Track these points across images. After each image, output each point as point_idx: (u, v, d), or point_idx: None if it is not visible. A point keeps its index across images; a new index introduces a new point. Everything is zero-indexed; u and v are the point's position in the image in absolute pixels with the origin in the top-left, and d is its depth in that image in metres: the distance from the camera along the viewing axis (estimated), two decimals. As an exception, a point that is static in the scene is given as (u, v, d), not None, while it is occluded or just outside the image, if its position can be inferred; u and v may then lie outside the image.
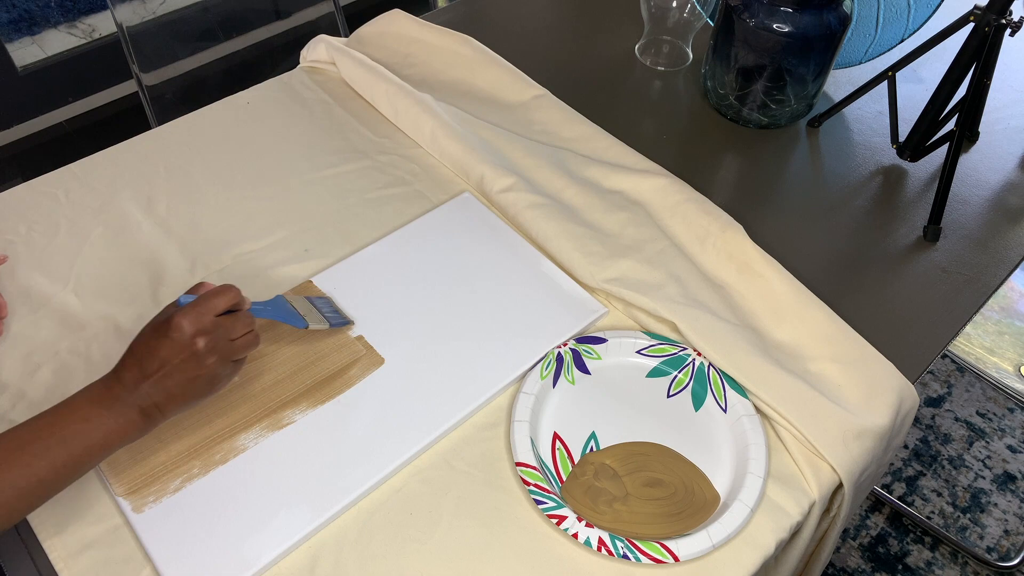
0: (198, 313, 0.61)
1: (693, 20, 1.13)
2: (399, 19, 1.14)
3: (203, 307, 0.61)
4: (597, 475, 0.69)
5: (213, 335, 0.61)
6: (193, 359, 0.60)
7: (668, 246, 0.86)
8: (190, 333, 0.60)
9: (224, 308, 0.63)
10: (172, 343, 0.60)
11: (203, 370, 0.61)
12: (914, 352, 0.81)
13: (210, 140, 0.98)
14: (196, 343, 0.60)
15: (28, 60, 1.98)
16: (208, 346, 0.61)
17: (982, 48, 0.91)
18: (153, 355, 0.60)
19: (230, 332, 0.63)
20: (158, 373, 0.60)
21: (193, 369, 0.60)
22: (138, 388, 0.60)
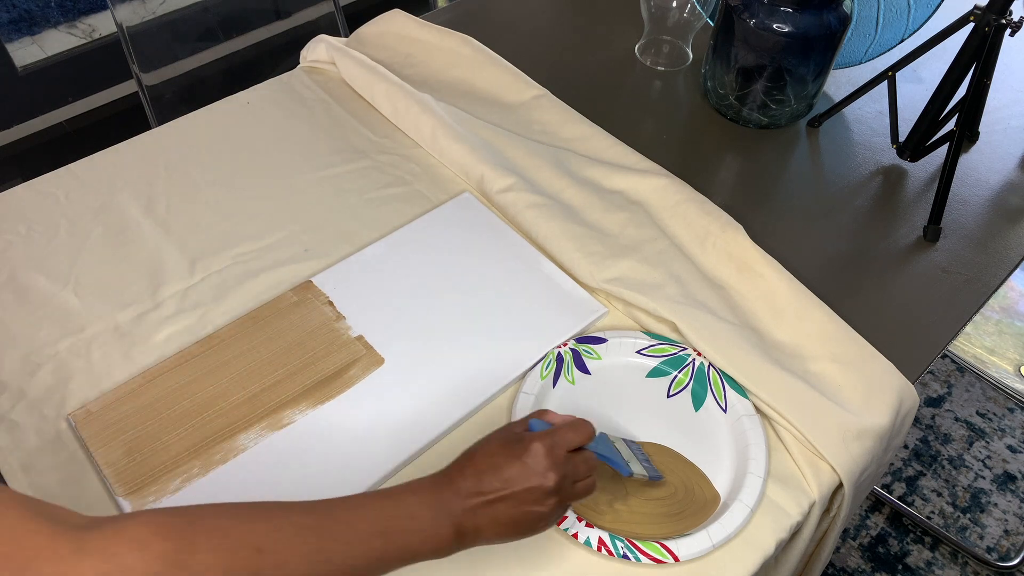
0: (555, 443, 0.56)
1: (693, 20, 1.13)
2: (399, 19, 1.14)
3: (560, 438, 0.57)
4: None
5: (563, 472, 0.56)
6: (538, 492, 0.54)
7: (668, 246, 0.86)
8: (545, 464, 0.55)
9: (578, 445, 0.58)
10: (523, 467, 0.54)
11: (542, 507, 0.55)
12: (914, 352, 0.81)
13: (210, 140, 0.98)
14: (548, 477, 0.55)
15: (28, 60, 1.98)
16: (557, 484, 0.55)
17: (982, 48, 0.91)
18: (497, 473, 0.54)
19: (576, 473, 0.57)
20: (495, 494, 0.54)
21: (533, 503, 0.55)
22: (468, 501, 0.53)
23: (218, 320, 0.79)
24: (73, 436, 0.70)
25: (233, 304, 0.80)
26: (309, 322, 0.78)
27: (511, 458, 0.55)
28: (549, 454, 0.55)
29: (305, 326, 0.78)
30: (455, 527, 0.53)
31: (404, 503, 0.52)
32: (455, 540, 0.54)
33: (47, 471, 0.68)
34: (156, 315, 0.79)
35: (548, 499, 0.55)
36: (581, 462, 0.58)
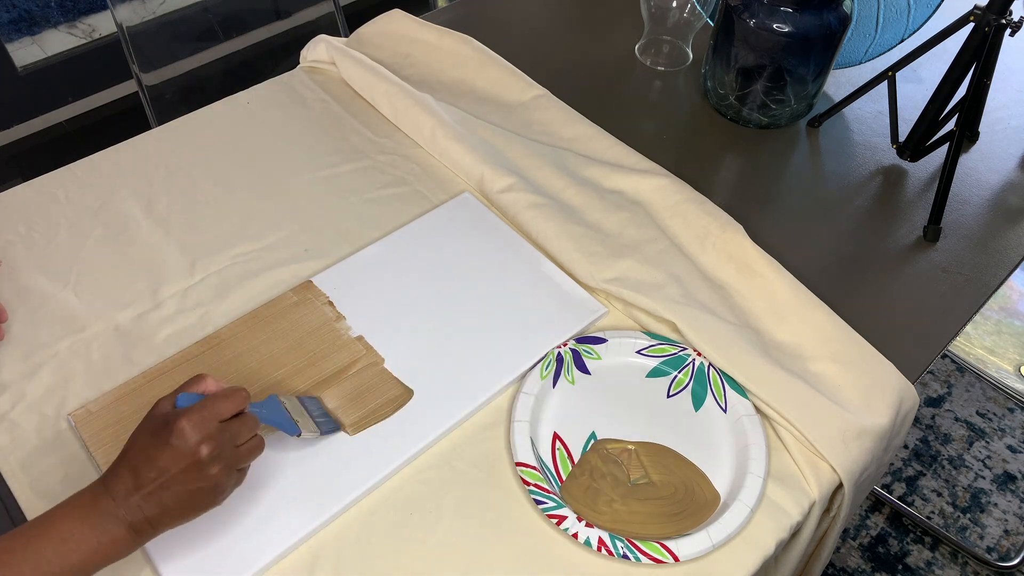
0: (203, 417, 0.55)
1: (693, 20, 1.13)
2: (399, 19, 1.14)
3: (209, 411, 0.56)
4: (602, 462, 0.69)
5: (218, 441, 0.55)
6: (195, 468, 0.54)
7: (668, 246, 0.86)
8: (195, 440, 0.54)
9: (231, 413, 0.57)
10: (173, 451, 0.54)
11: (206, 481, 0.55)
12: (914, 352, 0.81)
13: (210, 140, 0.98)
14: (200, 451, 0.54)
15: (28, 60, 1.98)
16: (213, 454, 0.55)
17: (982, 48, 0.91)
18: (150, 463, 0.54)
19: (236, 437, 0.57)
20: (154, 483, 0.53)
21: (195, 480, 0.54)
22: (128, 500, 0.53)
23: (218, 320, 0.79)
24: (73, 436, 0.70)
25: (233, 304, 0.80)
26: (309, 322, 0.78)
27: (160, 445, 0.54)
28: (198, 428, 0.55)
29: (305, 326, 0.78)
30: (127, 528, 0.54)
31: (54, 528, 0.52)
32: (132, 538, 0.54)
33: (47, 471, 0.68)
34: (156, 315, 0.79)
35: (209, 470, 0.55)
36: (239, 426, 0.58)
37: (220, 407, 0.57)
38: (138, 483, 0.54)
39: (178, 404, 0.57)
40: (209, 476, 0.55)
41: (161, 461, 0.54)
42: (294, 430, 0.65)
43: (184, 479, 0.54)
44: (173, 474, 0.54)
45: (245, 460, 0.59)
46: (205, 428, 0.55)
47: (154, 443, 0.55)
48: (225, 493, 0.58)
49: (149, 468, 0.54)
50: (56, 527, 0.53)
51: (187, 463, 0.54)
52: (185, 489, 0.55)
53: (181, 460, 0.54)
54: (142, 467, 0.54)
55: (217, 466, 0.55)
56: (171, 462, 0.54)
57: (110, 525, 0.53)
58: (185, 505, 0.55)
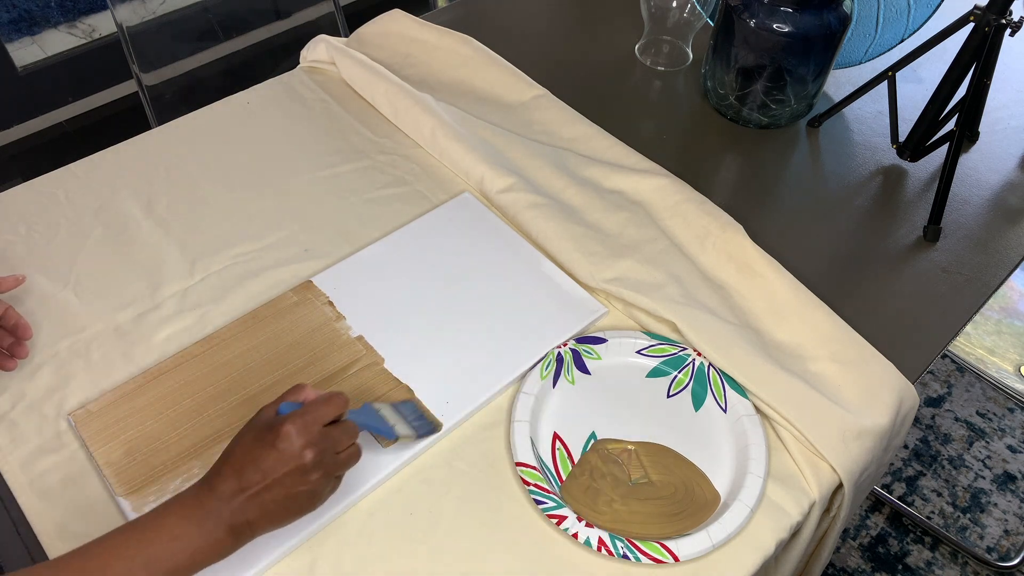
0: (306, 422, 0.56)
1: (693, 20, 1.13)
2: (399, 19, 1.14)
3: (312, 416, 0.57)
4: (602, 462, 0.69)
5: (321, 447, 0.56)
6: (299, 472, 0.56)
7: (668, 246, 0.86)
8: (299, 444, 0.55)
9: (332, 418, 0.59)
10: (279, 454, 0.55)
11: (307, 485, 0.56)
12: (914, 352, 0.81)
13: (210, 140, 0.98)
14: (304, 455, 0.55)
15: (28, 60, 1.98)
16: (315, 459, 0.56)
17: (982, 48, 0.91)
18: (255, 465, 0.55)
19: (337, 444, 0.58)
20: (258, 486, 0.55)
21: (297, 484, 0.56)
22: (233, 501, 0.54)
23: (218, 320, 0.79)
24: (73, 436, 0.70)
25: (233, 304, 0.80)
26: (309, 322, 0.78)
27: (265, 447, 0.55)
28: (302, 433, 0.56)
29: (305, 326, 0.78)
30: (227, 529, 0.54)
31: (164, 526, 0.54)
32: (232, 540, 0.55)
33: (47, 471, 0.68)
34: (156, 315, 0.79)
35: (311, 475, 0.56)
36: (340, 433, 0.59)
37: (322, 412, 0.58)
38: (242, 485, 0.55)
39: (280, 411, 0.58)
40: (310, 481, 0.56)
41: (266, 464, 0.55)
42: (391, 434, 0.66)
43: (287, 482, 0.55)
44: (277, 477, 0.55)
45: (343, 467, 0.60)
46: (309, 433, 0.56)
47: (259, 446, 0.56)
48: (322, 499, 0.59)
49: (254, 470, 0.55)
50: (167, 525, 0.54)
51: (291, 467, 0.55)
52: (286, 493, 0.56)
53: (286, 463, 0.55)
54: (247, 469, 0.55)
55: (318, 472, 0.56)
56: (276, 465, 0.55)
57: (213, 526, 0.54)
58: (284, 509, 0.56)
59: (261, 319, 0.78)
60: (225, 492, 0.55)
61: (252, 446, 0.56)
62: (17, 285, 0.77)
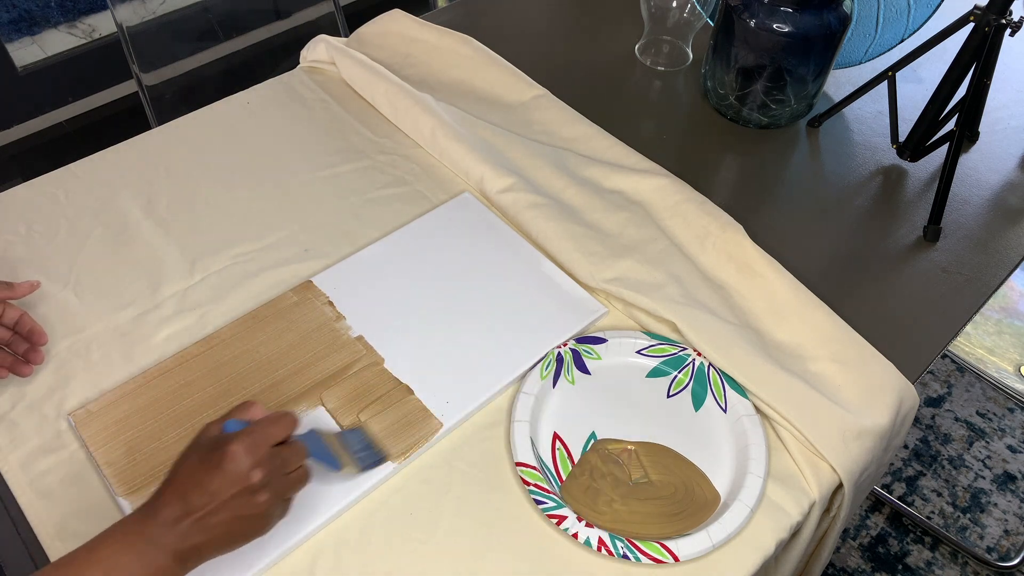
0: (254, 442, 0.54)
1: (693, 20, 1.13)
2: (399, 19, 1.14)
3: (260, 435, 0.55)
4: (602, 462, 0.69)
5: (269, 467, 0.54)
6: (247, 494, 0.53)
7: (668, 246, 0.86)
8: (247, 465, 0.53)
9: (281, 438, 0.56)
10: (224, 475, 0.52)
11: (255, 508, 0.54)
12: (914, 352, 0.81)
13: (210, 140, 0.98)
14: (252, 476, 0.53)
15: (28, 60, 1.98)
16: (264, 480, 0.54)
17: (982, 48, 0.91)
18: (201, 488, 0.52)
19: (286, 465, 0.56)
20: (204, 509, 0.52)
21: (245, 507, 0.53)
22: (177, 526, 0.52)
23: (218, 320, 0.79)
24: (73, 436, 0.70)
25: (233, 304, 0.80)
26: (309, 322, 0.78)
27: (211, 469, 0.53)
28: (250, 452, 0.54)
29: (305, 326, 0.78)
30: (172, 556, 0.52)
31: (99, 559, 0.51)
32: (178, 566, 0.53)
33: (47, 471, 0.68)
34: (156, 315, 0.79)
35: (259, 497, 0.54)
36: (289, 453, 0.57)
37: (270, 432, 0.56)
38: (187, 509, 0.52)
39: (226, 429, 0.56)
40: (259, 503, 0.54)
41: (212, 486, 0.52)
42: (336, 465, 0.63)
43: (234, 505, 0.53)
44: (224, 500, 0.53)
45: (293, 489, 0.58)
46: (257, 453, 0.54)
47: (205, 467, 0.53)
48: (272, 521, 0.57)
49: (200, 493, 0.52)
50: (101, 557, 0.51)
51: (238, 488, 0.53)
52: (234, 516, 0.53)
53: (233, 485, 0.53)
54: (191, 492, 0.53)
55: (267, 493, 0.54)
56: (222, 487, 0.53)
57: (156, 554, 0.52)
58: (232, 533, 0.54)
59: (261, 319, 0.78)
60: (168, 518, 0.52)
61: (197, 467, 0.54)
62: (32, 291, 0.75)
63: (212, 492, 0.52)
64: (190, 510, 0.52)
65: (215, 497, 0.52)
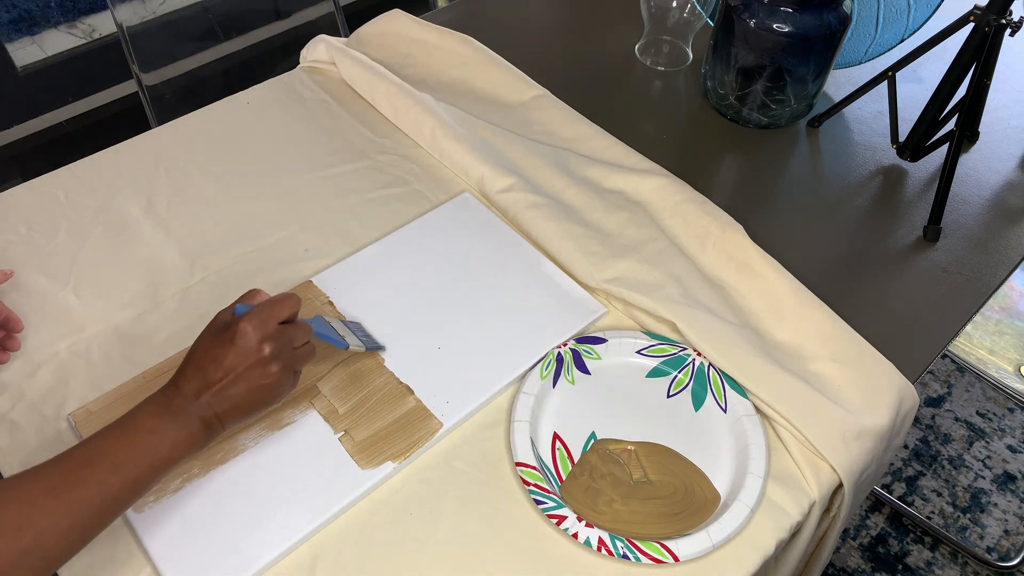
0: (262, 320, 0.59)
1: (693, 20, 1.13)
2: (399, 19, 1.14)
3: (267, 313, 0.60)
4: (602, 462, 0.69)
5: (278, 342, 0.60)
6: (259, 366, 0.59)
7: (668, 246, 0.86)
8: (256, 339, 0.58)
9: (287, 316, 0.61)
10: (237, 350, 0.58)
11: (268, 378, 0.59)
12: (914, 352, 0.81)
13: (210, 140, 0.98)
14: (263, 349, 0.59)
15: (28, 60, 1.98)
16: (274, 353, 0.59)
17: (982, 48, 0.91)
18: (217, 363, 0.58)
19: (293, 340, 0.61)
20: (222, 382, 0.58)
21: (258, 377, 0.59)
22: (200, 398, 0.58)
23: (218, 320, 0.79)
24: (73, 436, 0.70)
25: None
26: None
27: (224, 345, 0.58)
28: (258, 329, 0.59)
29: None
30: (199, 421, 0.58)
31: (140, 424, 0.57)
32: (206, 432, 0.59)
33: (47, 471, 0.68)
34: (156, 315, 0.79)
35: (270, 368, 0.59)
36: (295, 330, 0.62)
37: (276, 310, 0.61)
38: (206, 382, 0.58)
39: (235, 312, 0.61)
40: (271, 373, 0.59)
41: (227, 360, 0.58)
42: (342, 344, 0.70)
43: (249, 376, 0.59)
44: (239, 372, 0.58)
45: (301, 362, 0.63)
46: (265, 329, 0.59)
47: (218, 344, 0.59)
48: (284, 391, 0.62)
49: (216, 368, 0.58)
50: (142, 423, 0.57)
51: (251, 361, 0.58)
52: (249, 386, 0.59)
53: (246, 358, 0.58)
54: (209, 367, 0.58)
55: (277, 364, 0.60)
56: (236, 360, 0.58)
57: (187, 420, 0.57)
58: (250, 401, 0.60)
59: (261, 319, 0.78)
60: (191, 391, 0.58)
61: (211, 345, 0.59)
62: (4, 280, 0.78)
63: (227, 366, 0.58)
64: (209, 383, 0.58)
65: (231, 370, 0.58)
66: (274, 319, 0.60)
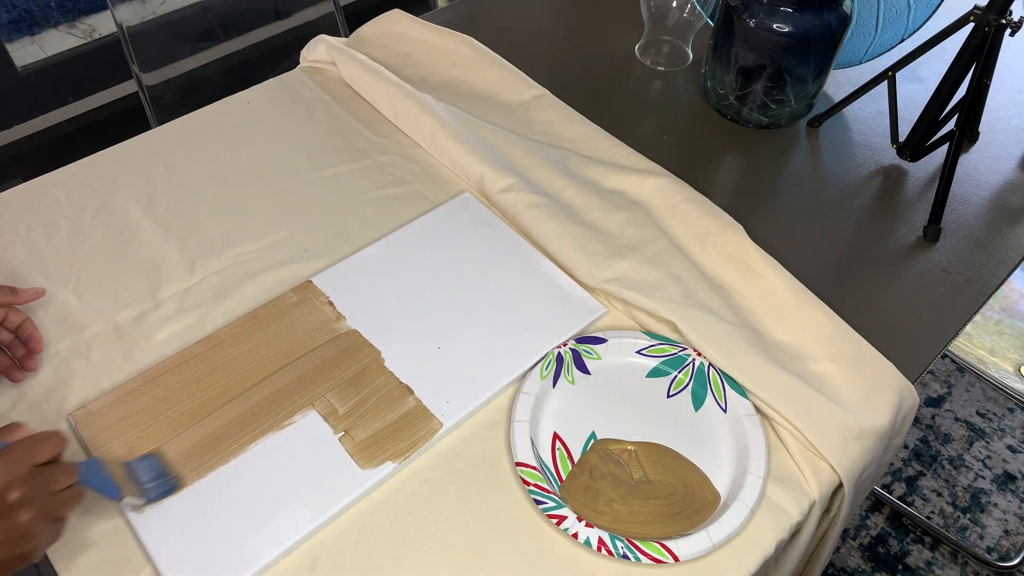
0: (11, 461, 0.52)
1: (693, 20, 1.13)
2: (399, 19, 1.14)
3: (18, 453, 0.52)
4: (602, 462, 0.69)
5: (29, 486, 0.52)
6: (3, 515, 0.50)
7: (668, 246, 0.86)
8: (1, 484, 0.50)
9: (45, 458, 0.54)
10: None
11: (16, 530, 0.50)
12: (914, 352, 0.81)
13: (210, 140, 0.98)
14: (8, 496, 0.50)
15: (28, 60, 1.98)
16: (23, 499, 0.51)
17: (982, 48, 0.91)
18: None
19: (51, 484, 0.53)
20: None
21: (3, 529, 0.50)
22: None
23: (218, 320, 0.79)
24: (73, 436, 0.70)
25: (233, 304, 0.80)
26: (309, 322, 0.78)
27: None
28: (6, 471, 0.51)
29: (305, 326, 0.78)
30: None
31: None
32: None
33: (47, 471, 0.68)
34: (156, 315, 0.79)
35: (19, 517, 0.51)
36: (55, 471, 0.55)
37: (31, 451, 0.54)
38: None
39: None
40: (19, 524, 0.51)
41: None
42: (115, 494, 0.61)
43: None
44: None
45: (62, 509, 0.55)
46: (14, 471, 0.52)
47: None
48: (39, 544, 0.53)
49: None
50: None
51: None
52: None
53: None
54: None
55: (28, 513, 0.51)
56: None
57: None
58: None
59: (261, 319, 0.78)
60: None
61: None
62: (36, 298, 0.76)
63: None
64: None
65: None
66: (27, 460, 0.53)
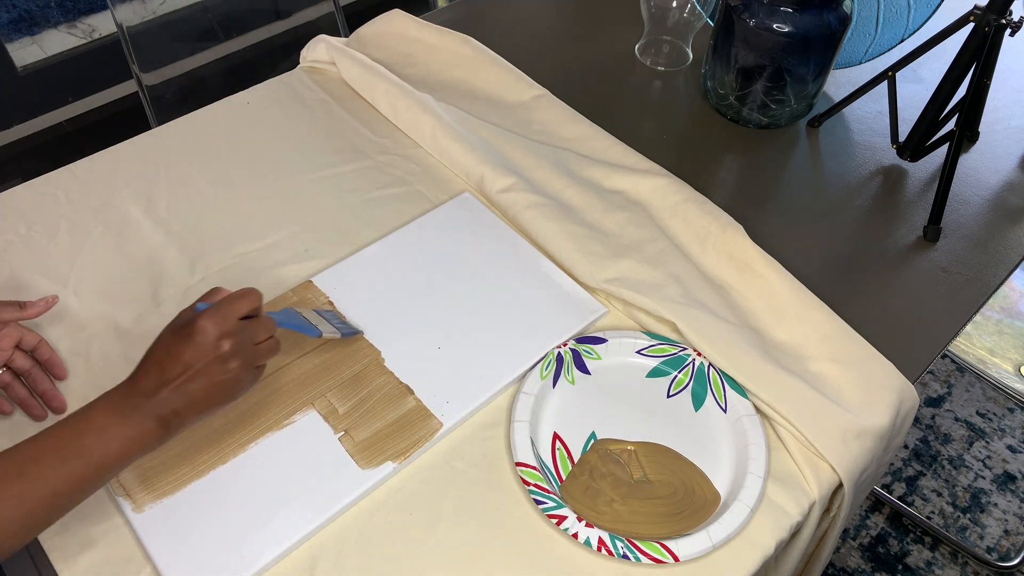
0: (222, 316, 0.59)
1: (693, 20, 1.13)
2: (399, 19, 1.14)
3: (226, 310, 0.60)
4: (602, 462, 0.69)
5: (237, 338, 0.59)
6: (217, 363, 0.58)
7: (668, 246, 0.86)
8: (215, 335, 0.58)
9: (247, 311, 0.61)
10: (196, 346, 0.58)
11: (227, 375, 0.59)
12: (914, 352, 0.81)
13: (210, 140, 0.98)
14: (221, 346, 0.58)
15: (28, 60, 1.98)
16: (233, 349, 0.59)
17: (982, 48, 0.91)
18: (175, 359, 0.58)
19: (254, 336, 0.61)
20: (180, 378, 0.58)
21: (217, 373, 0.59)
22: (158, 395, 0.57)
23: (218, 320, 0.79)
24: (73, 436, 0.70)
25: (233, 304, 0.80)
26: (309, 322, 0.78)
27: (183, 341, 0.58)
28: (217, 325, 0.59)
29: (305, 326, 0.78)
30: (155, 419, 0.58)
31: (92, 421, 0.57)
32: (161, 430, 0.58)
33: (47, 471, 0.68)
34: (156, 315, 0.79)
35: (229, 364, 0.59)
36: (256, 325, 0.62)
37: (236, 305, 0.61)
38: (164, 378, 0.58)
39: (197, 309, 0.61)
40: (230, 369, 0.59)
41: (185, 357, 0.58)
42: (314, 332, 0.70)
43: (207, 372, 0.58)
44: (197, 368, 0.58)
45: (262, 358, 0.62)
46: (224, 325, 0.59)
47: (178, 341, 0.59)
48: (244, 388, 0.62)
49: (174, 365, 0.58)
50: (94, 419, 0.57)
51: (209, 357, 0.58)
52: (208, 382, 0.59)
53: (204, 355, 0.58)
54: (168, 363, 0.58)
55: (236, 360, 0.59)
56: (195, 357, 0.58)
57: (141, 417, 0.57)
58: (208, 398, 0.59)
59: (261, 319, 0.78)
60: (148, 386, 0.58)
61: (171, 342, 0.59)
62: (47, 309, 0.73)
63: (186, 362, 0.58)
64: (167, 379, 0.58)
65: (189, 367, 0.58)
66: (234, 315, 0.60)
